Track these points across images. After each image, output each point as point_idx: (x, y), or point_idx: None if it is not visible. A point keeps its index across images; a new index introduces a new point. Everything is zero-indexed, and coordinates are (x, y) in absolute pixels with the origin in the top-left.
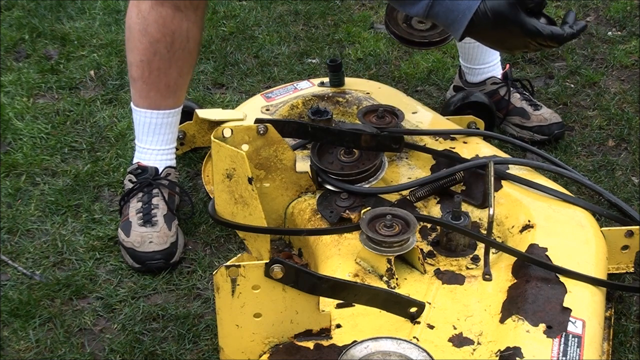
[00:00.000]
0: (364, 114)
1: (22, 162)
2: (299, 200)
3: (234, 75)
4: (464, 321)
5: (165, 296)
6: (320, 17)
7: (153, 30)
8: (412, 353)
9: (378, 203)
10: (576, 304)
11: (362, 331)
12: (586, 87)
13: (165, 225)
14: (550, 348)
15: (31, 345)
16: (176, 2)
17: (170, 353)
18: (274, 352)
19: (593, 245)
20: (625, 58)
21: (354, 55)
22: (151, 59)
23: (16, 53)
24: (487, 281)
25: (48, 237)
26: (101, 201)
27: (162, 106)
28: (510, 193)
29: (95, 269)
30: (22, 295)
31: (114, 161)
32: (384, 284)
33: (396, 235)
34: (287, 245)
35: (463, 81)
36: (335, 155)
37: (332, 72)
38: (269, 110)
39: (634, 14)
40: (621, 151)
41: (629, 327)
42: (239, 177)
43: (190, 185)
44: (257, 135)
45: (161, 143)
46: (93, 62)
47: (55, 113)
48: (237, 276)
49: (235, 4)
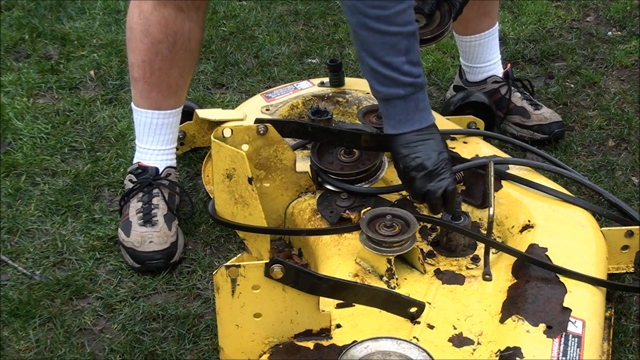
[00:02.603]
0: (364, 114)
1: (22, 162)
2: (299, 200)
3: (234, 75)
4: (464, 321)
5: (165, 296)
6: (320, 17)
7: (155, 30)
8: (412, 353)
9: (378, 203)
10: (576, 304)
11: (362, 331)
12: (586, 87)
13: (165, 225)
14: (550, 348)
15: (31, 345)
16: (178, 2)
17: (170, 353)
18: (274, 352)
19: (593, 245)
20: (625, 58)
21: (354, 55)
22: (153, 60)
23: (16, 53)
24: (487, 281)
25: (48, 237)
26: (101, 201)
27: (163, 106)
28: (510, 193)
29: (95, 269)
30: (22, 295)
31: (114, 161)
32: (384, 284)
33: (396, 235)
34: (287, 245)
35: (464, 80)
36: (335, 155)
37: (332, 72)
38: (269, 110)
39: (634, 14)
40: (621, 151)
41: (629, 327)
42: (239, 177)
43: (190, 185)
44: (257, 135)
45: (162, 143)
46: (93, 62)
47: (55, 113)
48: (237, 276)
49: (235, 4)
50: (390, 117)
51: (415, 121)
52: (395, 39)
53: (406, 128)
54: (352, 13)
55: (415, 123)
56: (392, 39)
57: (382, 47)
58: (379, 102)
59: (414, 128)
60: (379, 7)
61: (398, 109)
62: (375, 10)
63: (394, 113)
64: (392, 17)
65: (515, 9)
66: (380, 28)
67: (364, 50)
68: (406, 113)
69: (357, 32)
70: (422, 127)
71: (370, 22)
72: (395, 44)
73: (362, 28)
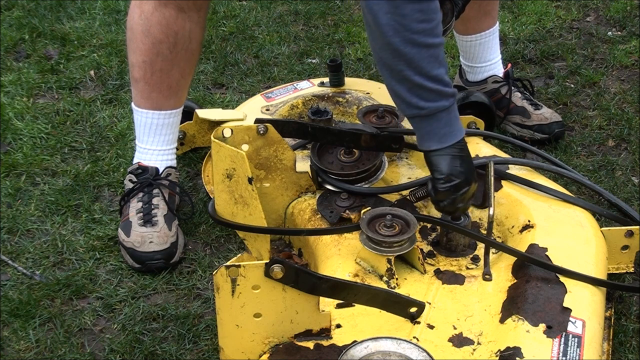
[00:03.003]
0: (364, 114)
1: (22, 162)
2: (299, 200)
3: (234, 75)
4: (464, 321)
5: (165, 296)
6: (320, 17)
7: (156, 31)
8: (412, 353)
9: (378, 203)
10: (576, 304)
11: (362, 331)
12: (586, 87)
13: (165, 225)
14: (550, 348)
15: (31, 345)
16: (179, 3)
17: (170, 353)
18: (274, 352)
19: (593, 245)
20: (625, 58)
21: (354, 55)
22: (154, 60)
23: (16, 53)
24: (487, 281)
25: (48, 237)
26: (101, 201)
27: (164, 107)
28: (510, 193)
29: (95, 269)
30: (22, 295)
31: (114, 161)
32: (384, 284)
33: (396, 235)
34: (287, 245)
35: (464, 80)
36: (335, 155)
37: (332, 72)
38: (269, 110)
39: (634, 14)
40: (621, 151)
41: (629, 327)
42: (239, 177)
43: (190, 185)
44: (257, 135)
45: (162, 143)
46: (93, 62)
47: (55, 113)
48: (237, 276)
49: (235, 4)
50: (434, 132)
51: (457, 131)
52: (437, 50)
53: (452, 140)
54: (396, 32)
55: (457, 133)
56: (435, 51)
57: (429, 61)
58: (419, 120)
59: (457, 139)
60: (424, 20)
61: (443, 122)
62: (421, 25)
63: (439, 127)
64: (435, 29)
65: (515, 9)
66: (427, 42)
67: (410, 69)
68: (450, 125)
69: (402, 51)
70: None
71: (417, 37)
72: (437, 55)
73: (409, 45)
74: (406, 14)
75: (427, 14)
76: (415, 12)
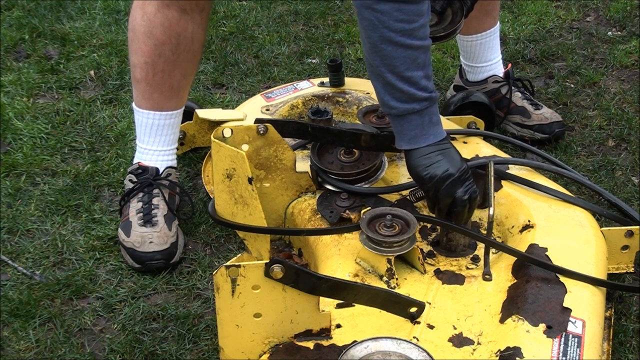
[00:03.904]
0: (364, 114)
1: (22, 162)
2: (299, 200)
3: (234, 75)
4: (464, 321)
5: (165, 296)
6: (320, 17)
7: (158, 32)
8: (412, 353)
9: (378, 203)
10: (576, 304)
11: (362, 331)
12: (586, 87)
13: (165, 226)
14: (550, 348)
15: (31, 345)
16: (182, 4)
17: (170, 353)
18: (274, 352)
19: (593, 245)
20: (625, 58)
21: (354, 55)
22: (156, 61)
23: (16, 53)
24: (487, 281)
25: (48, 237)
26: (101, 201)
27: (165, 108)
28: (510, 193)
29: (95, 269)
30: (22, 295)
31: (114, 161)
32: (384, 284)
33: (396, 235)
34: (287, 245)
35: (464, 80)
36: (335, 155)
37: (332, 72)
38: (269, 110)
39: (634, 14)
40: (621, 151)
41: (629, 327)
42: (239, 177)
43: (190, 185)
44: (257, 135)
45: (162, 144)
46: (93, 62)
47: (55, 113)
48: (237, 276)
49: (235, 4)
50: (404, 132)
51: (430, 135)
52: (416, 52)
53: (421, 143)
54: (374, 28)
55: (429, 137)
56: (413, 53)
57: (404, 62)
58: (392, 119)
59: (429, 142)
60: (405, 20)
61: (413, 124)
62: (400, 24)
63: (408, 128)
64: (416, 31)
65: (515, 9)
66: (404, 42)
67: (384, 66)
68: (421, 128)
69: (378, 47)
70: (437, 141)
71: (395, 36)
72: (415, 58)
73: (386, 42)
74: (385, 10)
75: (408, 15)
76: (395, 11)
